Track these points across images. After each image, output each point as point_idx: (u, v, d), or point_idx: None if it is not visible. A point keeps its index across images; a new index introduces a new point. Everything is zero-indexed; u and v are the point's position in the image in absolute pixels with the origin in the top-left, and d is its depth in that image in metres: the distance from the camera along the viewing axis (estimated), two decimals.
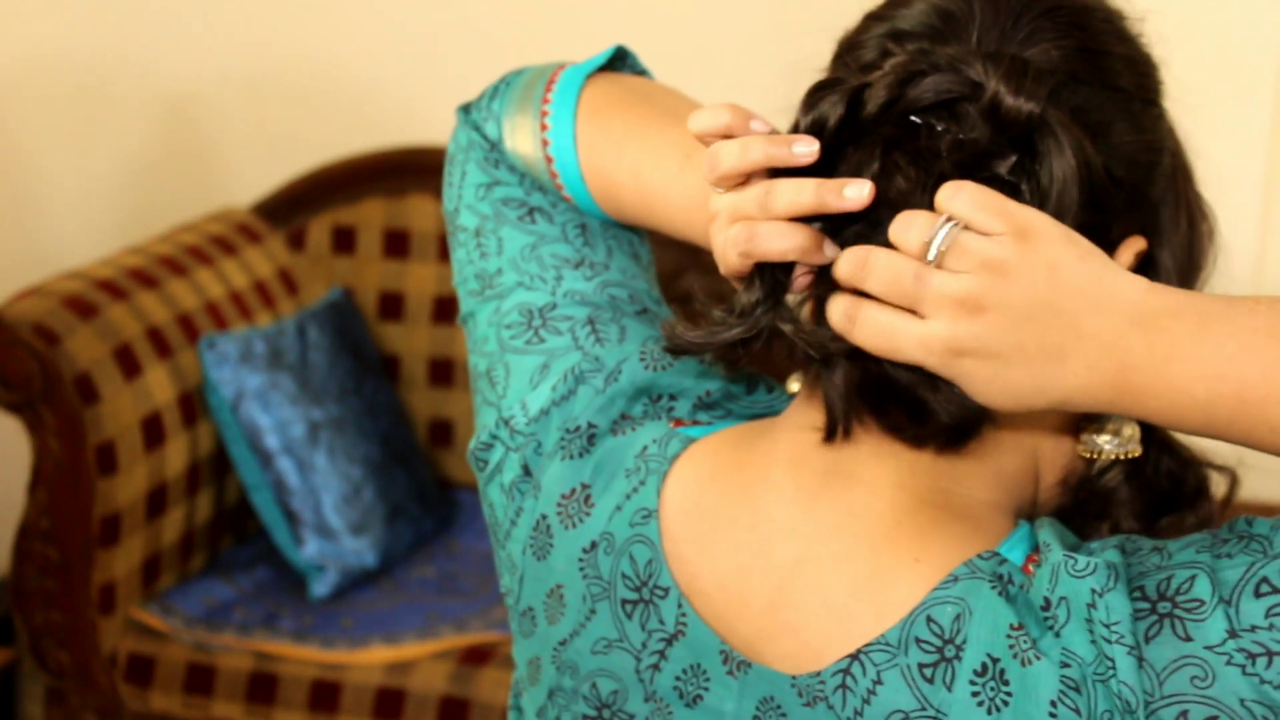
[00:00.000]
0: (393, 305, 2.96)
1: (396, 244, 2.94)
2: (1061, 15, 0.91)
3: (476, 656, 2.47)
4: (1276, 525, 0.82)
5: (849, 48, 0.94)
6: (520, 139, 1.07)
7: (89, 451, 2.43)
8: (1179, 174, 0.97)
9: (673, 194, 1.02)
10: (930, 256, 0.83)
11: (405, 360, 2.96)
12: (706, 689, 0.93)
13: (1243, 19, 2.64)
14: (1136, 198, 0.92)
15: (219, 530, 2.73)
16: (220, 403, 2.62)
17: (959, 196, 0.83)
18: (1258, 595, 0.80)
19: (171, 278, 2.67)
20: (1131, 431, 0.94)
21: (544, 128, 1.06)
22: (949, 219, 0.83)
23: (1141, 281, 0.83)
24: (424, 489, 2.83)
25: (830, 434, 0.92)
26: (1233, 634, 0.80)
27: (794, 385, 1.01)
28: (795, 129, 0.89)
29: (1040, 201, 0.86)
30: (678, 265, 2.43)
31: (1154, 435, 0.98)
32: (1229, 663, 0.80)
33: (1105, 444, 0.94)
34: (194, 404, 2.61)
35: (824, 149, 0.88)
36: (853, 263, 0.85)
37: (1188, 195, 0.98)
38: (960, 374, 0.84)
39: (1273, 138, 2.62)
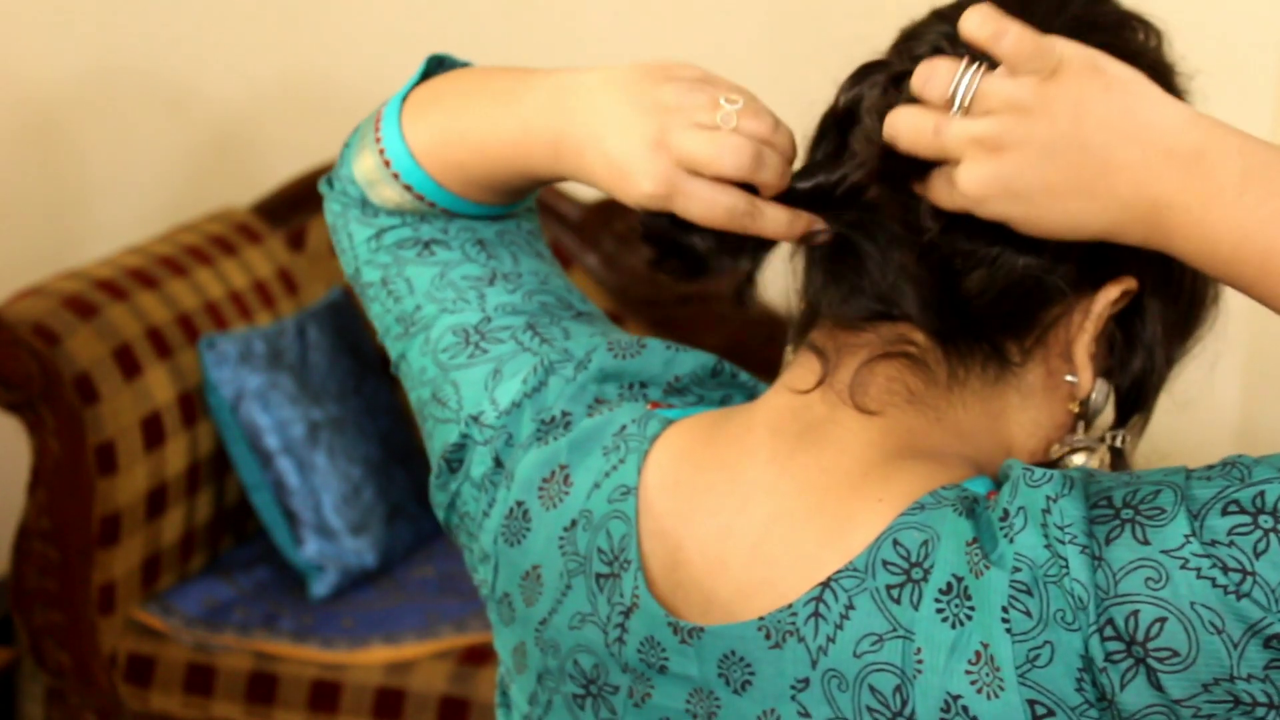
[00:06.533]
0: None
1: None
2: (1100, 29, 0.93)
3: (476, 656, 2.47)
4: (1263, 459, 0.83)
5: (907, 37, 0.97)
6: (366, 169, 1.08)
7: (89, 451, 2.43)
8: None
9: (502, 132, 1.02)
10: (955, 108, 0.85)
11: None
12: (667, 659, 0.95)
13: (1243, 17, 2.64)
14: None
15: (219, 530, 2.73)
16: (220, 403, 2.62)
17: (985, 30, 0.83)
18: (1224, 514, 0.81)
19: (171, 278, 2.67)
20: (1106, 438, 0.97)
21: (380, 151, 1.07)
22: (970, 65, 0.85)
23: (1181, 111, 0.83)
24: (424, 489, 2.82)
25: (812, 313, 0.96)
26: (1190, 539, 0.81)
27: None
28: (835, 103, 0.94)
29: None
30: None
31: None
32: (1184, 567, 0.81)
33: (1079, 460, 0.96)
34: (194, 404, 2.61)
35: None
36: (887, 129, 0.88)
37: None
38: (993, 216, 0.86)
39: (1273, 137, 2.62)
